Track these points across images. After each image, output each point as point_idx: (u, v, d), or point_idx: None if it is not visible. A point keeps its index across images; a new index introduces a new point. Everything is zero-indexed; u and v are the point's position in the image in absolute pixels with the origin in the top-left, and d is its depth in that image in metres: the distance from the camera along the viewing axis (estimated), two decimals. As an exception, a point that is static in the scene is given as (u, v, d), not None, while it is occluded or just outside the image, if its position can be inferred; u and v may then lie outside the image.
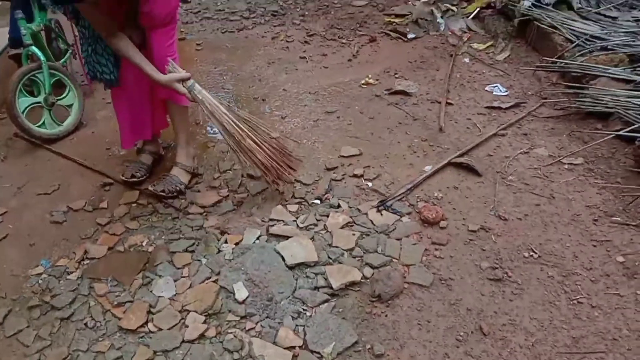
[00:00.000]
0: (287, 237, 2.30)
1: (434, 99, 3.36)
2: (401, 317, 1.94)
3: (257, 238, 2.32)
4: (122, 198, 2.60)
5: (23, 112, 2.97)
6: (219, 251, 2.26)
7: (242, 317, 1.96)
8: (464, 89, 3.48)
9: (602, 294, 1.99)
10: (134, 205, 2.56)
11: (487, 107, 3.24)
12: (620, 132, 2.61)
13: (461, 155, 2.77)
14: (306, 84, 3.62)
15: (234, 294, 2.04)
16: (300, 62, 3.95)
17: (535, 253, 2.18)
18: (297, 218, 2.42)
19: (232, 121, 2.39)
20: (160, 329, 1.92)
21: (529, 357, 1.79)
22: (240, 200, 2.55)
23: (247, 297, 2.03)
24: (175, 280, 2.11)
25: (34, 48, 3.04)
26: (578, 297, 1.98)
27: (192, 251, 2.26)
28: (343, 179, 2.67)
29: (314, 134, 3.07)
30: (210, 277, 2.12)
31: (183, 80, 2.32)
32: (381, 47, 4.12)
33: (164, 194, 2.54)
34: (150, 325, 1.94)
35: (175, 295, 2.06)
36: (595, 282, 2.04)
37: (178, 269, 2.17)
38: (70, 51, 3.66)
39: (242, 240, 2.31)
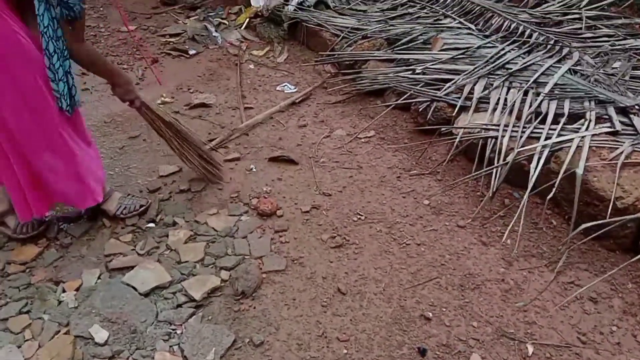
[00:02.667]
0: (131, 267, 2.21)
1: (234, 105, 3.51)
2: (268, 304, 2.04)
3: (99, 277, 2.18)
4: None
5: None
6: (60, 302, 2.06)
7: (110, 358, 1.84)
8: (258, 92, 3.70)
9: (421, 232, 2.37)
10: None
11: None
12: (398, 102, 3.09)
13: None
14: (98, 113, 3.44)
15: (92, 338, 1.90)
16: (85, 94, 3.71)
17: (362, 215, 2.48)
18: (135, 246, 2.33)
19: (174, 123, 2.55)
20: (18, 401, 1.70)
21: (384, 300, 2.05)
22: (66, 246, 2.34)
23: (108, 337, 1.91)
24: (19, 347, 1.87)
25: None
26: (405, 240, 2.32)
27: (28, 311, 2.02)
28: (171, 197, 2.65)
29: (124, 161, 2.95)
30: (59, 331, 1.93)
31: None
32: (166, 66, 4.11)
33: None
34: (4, 402, 1.70)
35: (23, 361, 1.83)
36: (413, 225, 2.41)
37: (18, 333, 1.92)
38: None
39: (82, 284, 2.14)
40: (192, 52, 4.27)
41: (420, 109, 2.89)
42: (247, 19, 4.60)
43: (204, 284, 2.11)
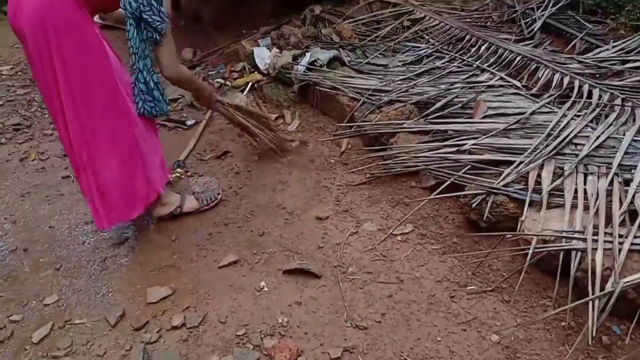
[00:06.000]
0: None
1: (243, 194, 2.93)
2: None
3: None
4: None
5: None
6: None
7: None
8: (268, 172, 3.12)
9: (497, 392, 1.75)
10: None
11: (298, 188, 2.94)
12: (440, 192, 2.48)
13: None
14: (80, 210, 2.89)
15: None
16: (64, 183, 3.16)
17: (412, 363, 1.87)
18: None
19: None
20: None
21: None
22: None
23: None
24: None
25: None
26: (476, 407, 1.70)
27: None
28: (160, 337, 2.05)
29: (104, 280, 2.38)
30: None
31: None
32: (160, 141, 3.56)
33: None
34: None
35: None
36: (484, 379, 1.79)
37: None
38: None
39: None
40: (190, 122, 3.73)
41: (473, 204, 2.29)
42: (249, 83, 4.06)
43: None
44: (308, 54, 3.68)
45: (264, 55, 4.09)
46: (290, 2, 4.84)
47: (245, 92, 3.95)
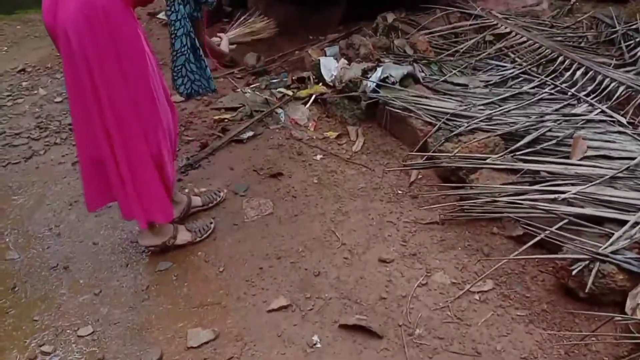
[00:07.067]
0: None
1: (297, 231, 2.65)
2: None
3: None
4: None
5: None
6: None
7: None
8: (327, 201, 2.84)
9: None
10: None
11: (360, 222, 2.64)
12: (536, 257, 2.12)
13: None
14: (125, 227, 2.71)
15: None
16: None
17: None
18: None
19: None
20: None
21: None
22: None
23: None
24: None
25: None
26: None
27: None
28: (198, 396, 1.82)
29: (144, 312, 2.18)
30: None
31: None
32: (215, 154, 3.36)
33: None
34: None
35: None
36: None
37: None
38: None
39: None
40: (248, 134, 3.50)
41: (573, 269, 1.92)
42: (313, 96, 3.78)
43: None
44: (379, 69, 3.38)
45: (330, 66, 3.81)
46: (361, 9, 4.54)
47: (308, 105, 3.69)
